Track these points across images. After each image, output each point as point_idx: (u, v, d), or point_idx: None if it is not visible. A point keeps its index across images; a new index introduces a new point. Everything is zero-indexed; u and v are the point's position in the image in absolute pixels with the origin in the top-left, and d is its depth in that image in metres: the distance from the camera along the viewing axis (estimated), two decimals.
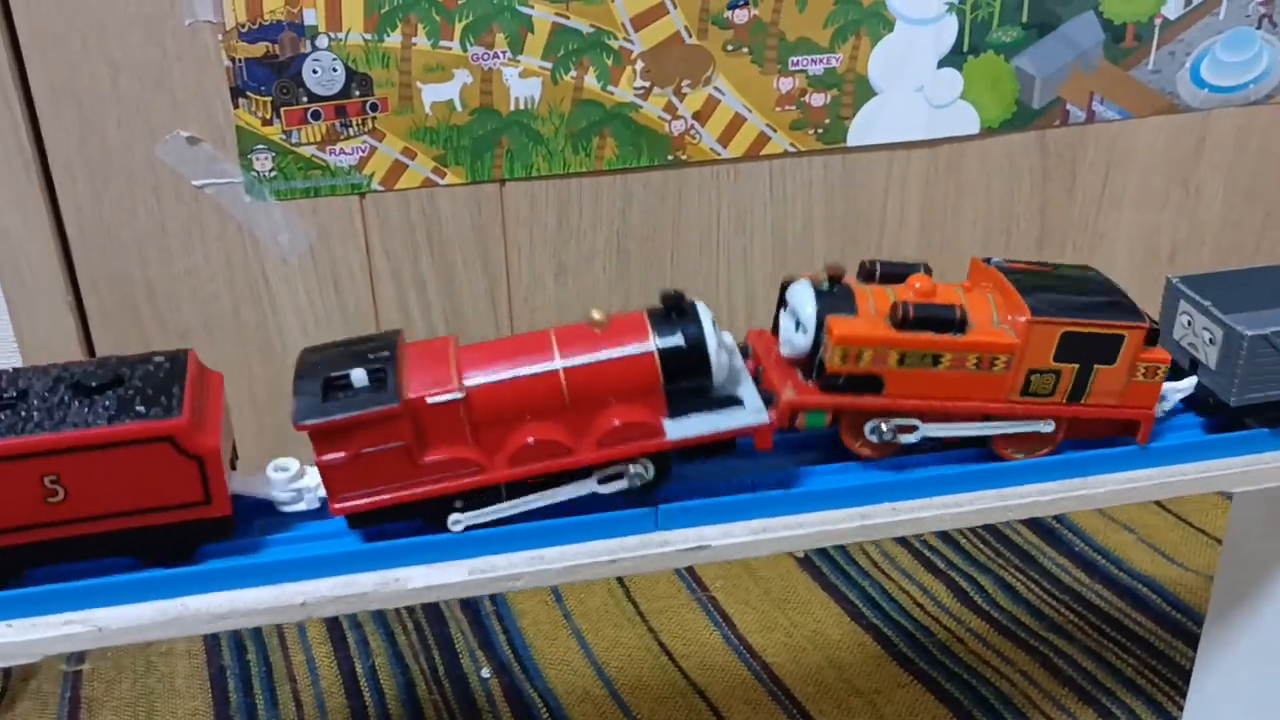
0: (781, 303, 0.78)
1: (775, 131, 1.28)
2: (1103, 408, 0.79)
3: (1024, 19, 1.29)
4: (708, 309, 0.73)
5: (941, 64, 1.29)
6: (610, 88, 1.22)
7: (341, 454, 0.70)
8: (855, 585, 1.34)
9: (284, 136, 1.18)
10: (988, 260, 0.81)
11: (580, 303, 1.31)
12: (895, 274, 0.79)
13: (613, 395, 0.72)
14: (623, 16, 1.19)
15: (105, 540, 0.70)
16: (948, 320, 0.75)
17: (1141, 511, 1.45)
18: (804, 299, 0.76)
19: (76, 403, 0.69)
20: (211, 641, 1.25)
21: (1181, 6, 1.33)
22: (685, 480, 0.78)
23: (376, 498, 0.72)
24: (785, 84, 1.26)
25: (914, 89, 1.30)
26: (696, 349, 0.72)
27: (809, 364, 0.76)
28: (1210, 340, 0.84)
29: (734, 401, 0.74)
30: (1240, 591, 1.00)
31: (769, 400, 0.76)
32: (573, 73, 1.20)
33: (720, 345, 0.73)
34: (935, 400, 0.77)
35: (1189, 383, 0.85)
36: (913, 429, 0.77)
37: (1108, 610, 1.29)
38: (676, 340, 0.71)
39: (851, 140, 1.31)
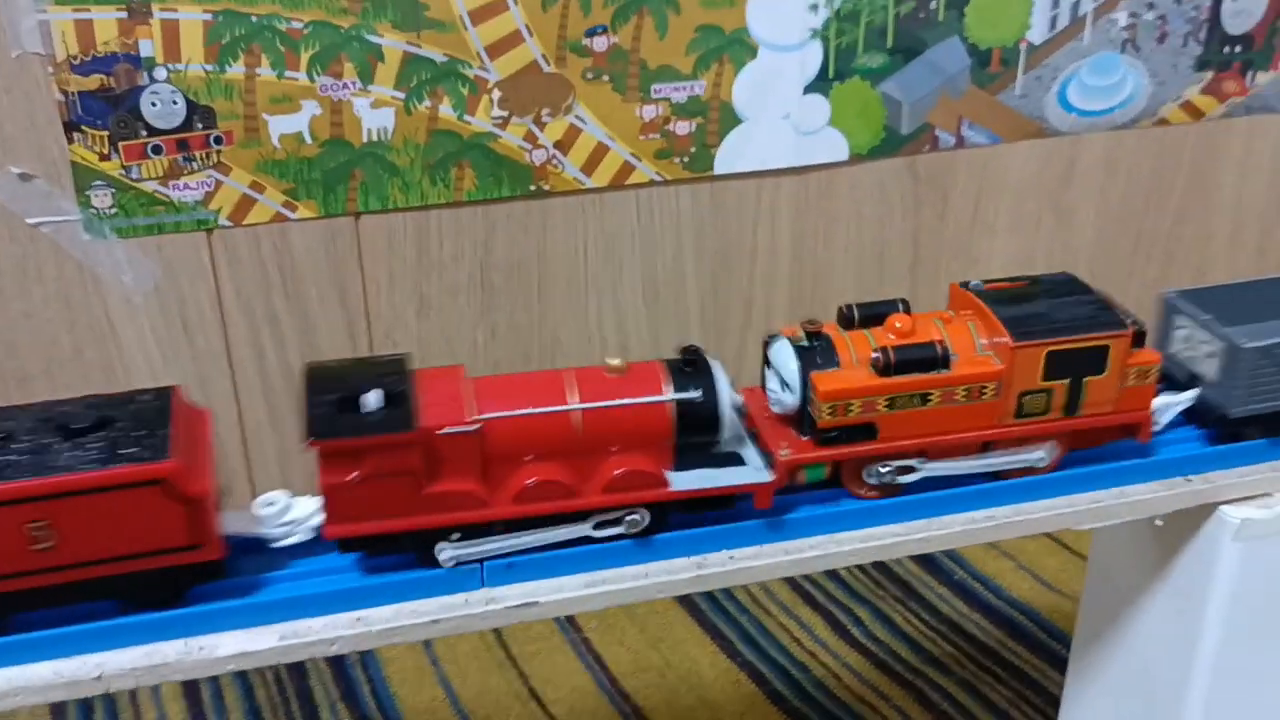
0: (765, 361, 0.79)
1: (640, 160, 1.25)
2: (1099, 416, 0.80)
3: (889, 45, 1.28)
4: (722, 366, 0.74)
5: (807, 90, 1.28)
6: (467, 117, 1.18)
7: (348, 476, 0.68)
8: (733, 622, 1.31)
9: (124, 172, 1.12)
10: (965, 284, 0.82)
11: (444, 337, 1.27)
12: (874, 315, 0.79)
13: (623, 442, 0.72)
14: (477, 45, 1.16)
15: (93, 585, 0.68)
16: (929, 359, 0.76)
17: (1021, 537, 1.44)
18: (785, 358, 0.76)
19: (63, 445, 0.67)
20: None
21: (1046, 31, 1.33)
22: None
23: (375, 524, 0.70)
24: (648, 112, 1.23)
25: (780, 116, 1.28)
26: (710, 404, 0.73)
27: (800, 420, 0.77)
28: (1210, 354, 0.85)
29: (737, 459, 0.75)
30: (1104, 620, 0.99)
31: (767, 459, 0.76)
32: (427, 102, 1.17)
33: (731, 403, 0.74)
34: (931, 435, 0.78)
35: (1189, 395, 0.85)
36: (911, 470, 0.78)
37: (985, 640, 1.28)
38: (693, 394, 0.72)
39: (718, 168, 1.28)
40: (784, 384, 0.77)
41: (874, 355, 0.76)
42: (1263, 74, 1.42)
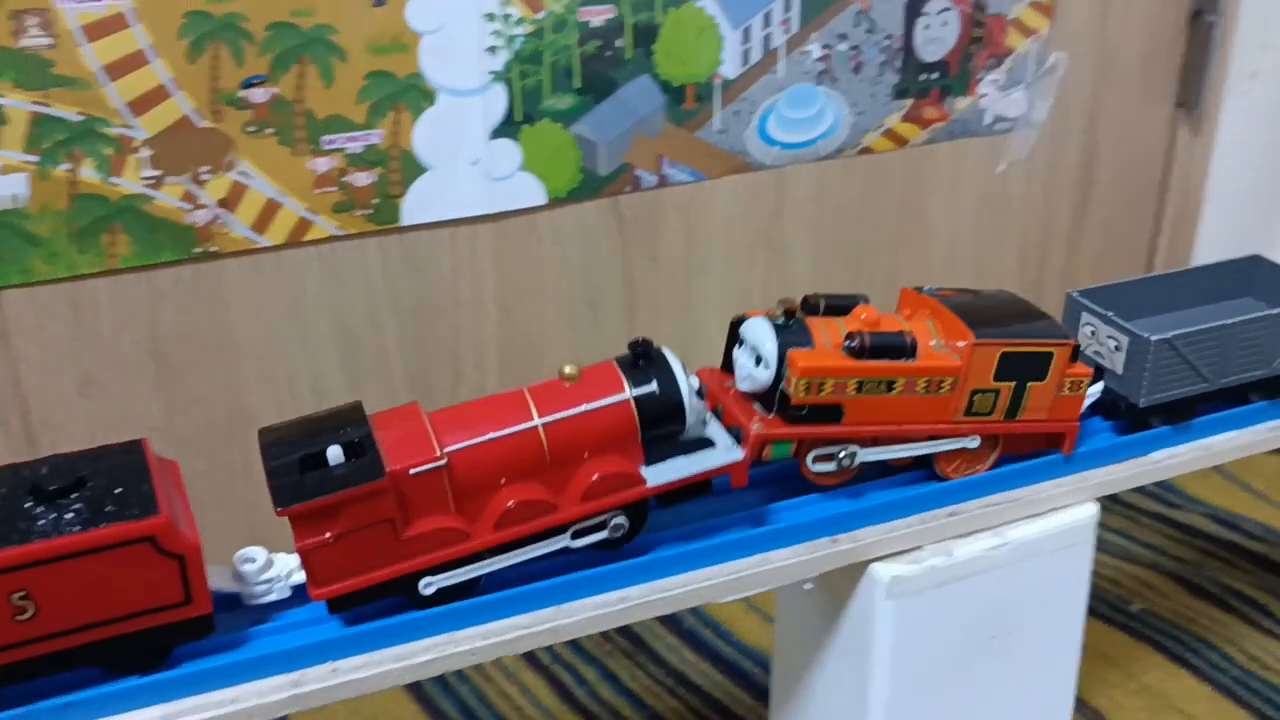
0: (735, 340, 0.82)
1: (318, 215, 1.18)
2: (1034, 422, 0.85)
3: (577, 85, 1.24)
4: (674, 353, 0.75)
5: (495, 135, 1.22)
6: (113, 179, 1.09)
7: (324, 536, 0.67)
8: (451, 694, 1.25)
9: None
10: (919, 289, 0.87)
11: (116, 416, 1.17)
12: (840, 306, 0.84)
13: (592, 448, 0.72)
14: (117, 101, 1.07)
15: (76, 654, 0.65)
16: (900, 347, 0.80)
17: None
18: (763, 335, 0.79)
19: (40, 508, 0.64)
20: None
21: (740, 65, 1.31)
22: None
23: (360, 578, 0.69)
24: (322, 164, 1.16)
25: (469, 162, 1.22)
26: (671, 395, 0.74)
27: (770, 397, 0.79)
28: (1116, 347, 0.91)
29: (706, 443, 0.76)
30: (792, 676, 0.97)
31: (737, 435, 0.78)
32: (65, 165, 1.07)
33: (691, 389, 0.75)
34: (889, 425, 0.81)
35: (1097, 388, 0.91)
36: (853, 455, 0.81)
37: (711, 691, 1.25)
38: (651, 387, 0.73)
39: (406, 219, 1.22)
40: (759, 360, 0.78)
41: (848, 338, 0.79)
42: (961, 99, 1.43)
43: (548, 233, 1.30)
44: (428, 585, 0.70)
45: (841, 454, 0.80)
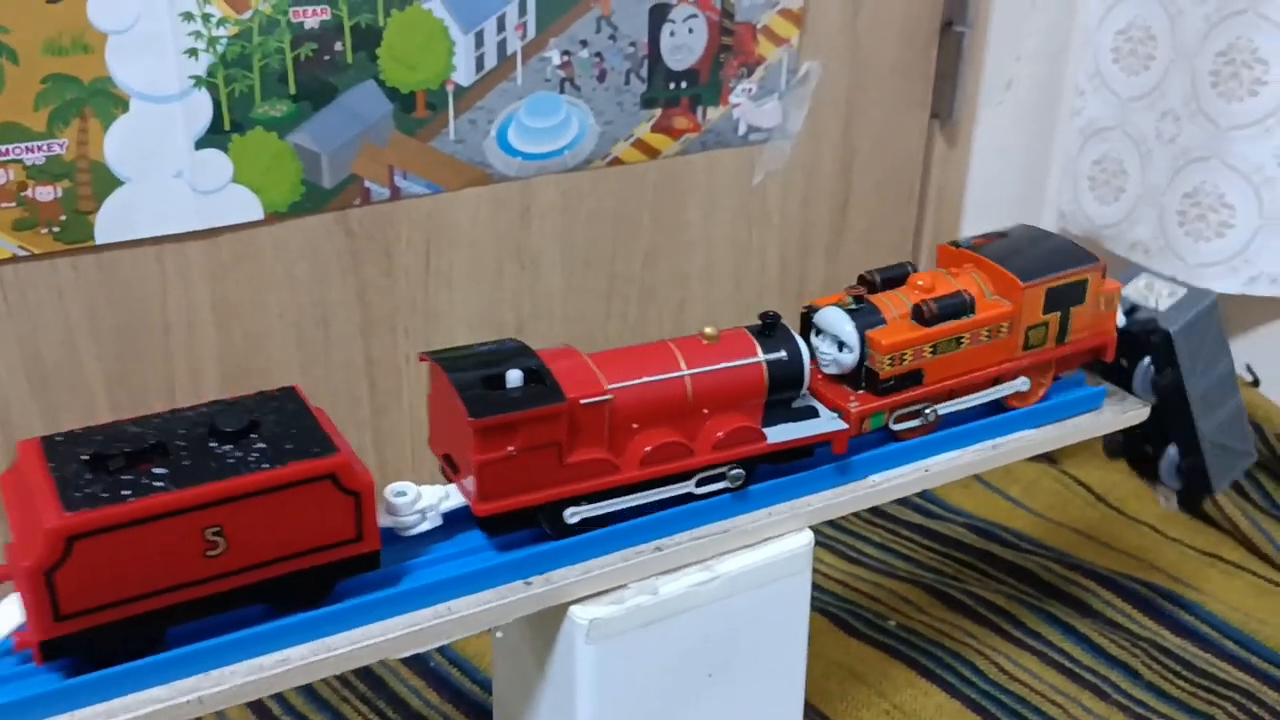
0: (811, 330, 0.88)
1: None
2: (1081, 341, 0.95)
3: (291, 91, 1.15)
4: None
5: (200, 145, 1.13)
6: None
7: (507, 450, 0.71)
8: None
9: None
10: (955, 243, 0.95)
11: None
12: (895, 278, 0.91)
13: (722, 403, 0.79)
14: None
15: (253, 591, 0.67)
16: (961, 306, 0.88)
17: None
18: (839, 321, 0.86)
19: (226, 447, 0.66)
20: None
21: (474, 72, 1.24)
22: None
23: (522, 497, 0.73)
24: None
25: (171, 175, 1.12)
26: (795, 363, 0.82)
27: (855, 376, 0.87)
28: (1169, 294, 1.03)
29: (811, 412, 0.84)
30: (512, 716, 0.90)
31: (836, 412, 0.85)
32: None
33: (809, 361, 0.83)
34: (963, 376, 0.90)
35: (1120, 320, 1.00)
36: (936, 410, 0.89)
37: None
38: (781, 355, 0.81)
39: (102, 237, 1.11)
40: (841, 345, 0.85)
41: (916, 308, 0.87)
42: (713, 109, 1.40)
43: (269, 249, 1.21)
44: (573, 515, 0.76)
45: (926, 410, 0.88)
